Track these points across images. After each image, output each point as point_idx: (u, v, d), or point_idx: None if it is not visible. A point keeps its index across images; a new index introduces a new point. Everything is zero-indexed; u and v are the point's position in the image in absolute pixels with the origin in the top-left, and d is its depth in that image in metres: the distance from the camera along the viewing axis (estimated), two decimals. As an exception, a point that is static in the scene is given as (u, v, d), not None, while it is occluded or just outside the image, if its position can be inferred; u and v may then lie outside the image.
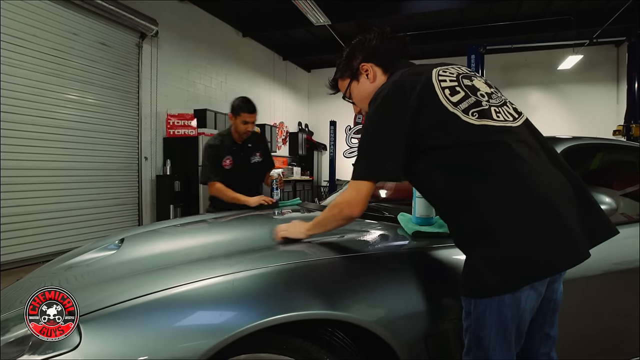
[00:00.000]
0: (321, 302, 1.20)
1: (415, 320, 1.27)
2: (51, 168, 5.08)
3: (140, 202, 6.47)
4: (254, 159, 3.13)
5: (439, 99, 1.22)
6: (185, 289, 1.17)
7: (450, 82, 1.28)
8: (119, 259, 1.61)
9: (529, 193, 1.11)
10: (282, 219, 2.24)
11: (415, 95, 1.23)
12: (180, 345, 1.05)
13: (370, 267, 1.37)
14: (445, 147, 1.20)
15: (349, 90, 1.51)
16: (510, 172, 1.13)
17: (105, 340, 1.04)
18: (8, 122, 4.55)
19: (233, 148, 3.07)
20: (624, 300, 1.73)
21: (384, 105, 1.26)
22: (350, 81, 1.50)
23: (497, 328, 1.13)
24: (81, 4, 5.28)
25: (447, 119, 1.20)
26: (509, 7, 8.12)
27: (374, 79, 1.44)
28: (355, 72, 1.47)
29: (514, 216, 1.10)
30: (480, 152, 1.17)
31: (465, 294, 1.18)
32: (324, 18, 7.10)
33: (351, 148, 12.38)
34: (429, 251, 1.45)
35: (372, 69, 1.44)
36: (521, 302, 1.13)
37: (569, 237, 1.10)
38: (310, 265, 1.32)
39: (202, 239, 1.93)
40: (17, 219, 4.69)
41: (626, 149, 2.25)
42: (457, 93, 1.25)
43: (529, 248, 1.09)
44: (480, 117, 1.21)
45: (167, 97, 6.95)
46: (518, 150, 1.16)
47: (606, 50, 10.19)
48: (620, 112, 9.18)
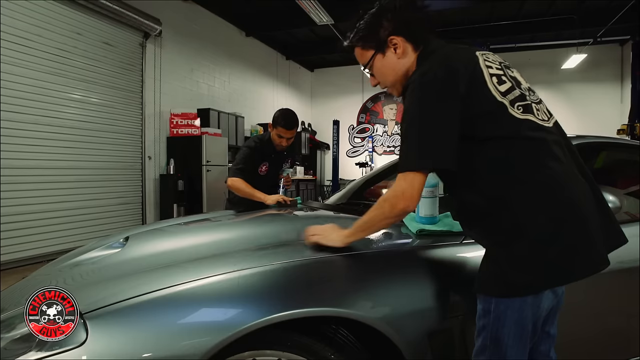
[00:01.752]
0: (325, 300, 1.20)
1: (418, 318, 1.27)
2: (55, 167, 5.10)
3: (144, 202, 6.49)
4: (285, 166, 3.15)
5: (488, 87, 1.16)
6: (190, 287, 1.17)
7: (496, 70, 1.21)
8: (124, 257, 1.62)
9: (562, 196, 1.11)
10: (291, 219, 2.24)
11: (466, 79, 1.15)
12: (185, 342, 1.06)
13: (374, 265, 1.37)
14: (491, 138, 1.14)
15: (372, 63, 1.34)
16: (546, 172, 1.12)
17: (111, 337, 1.05)
18: (12, 121, 4.57)
19: (272, 155, 3.04)
20: (628, 299, 1.72)
21: (435, 89, 1.14)
22: (375, 54, 1.32)
23: (515, 327, 1.13)
24: (85, 3, 5.31)
25: (496, 108, 1.15)
26: (512, 6, 8.09)
27: (402, 55, 1.29)
28: (382, 45, 1.30)
29: (546, 218, 1.09)
30: (522, 147, 1.13)
31: (489, 292, 1.16)
32: (327, 17, 7.09)
33: (354, 147, 12.38)
34: (433, 249, 1.45)
35: (403, 44, 1.28)
36: (542, 302, 1.15)
37: (593, 243, 1.11)
38: (315, 263, 1.32)
39: (207, 237, 1.94)
40: (21, 217, 4.71)
41: (630, 148, 2.24)
42: (504, 83, 1.20)
43: (559, 251, 1.09)
44: (525, 112, 1.17)
45: (171, 97, 6.97)
46: (554, 150, 1.15)
47: (610, 49, 10.15)
48: (625, 112, 9.14)
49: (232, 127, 7.96)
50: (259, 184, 2.93)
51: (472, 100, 1.14)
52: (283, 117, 2.89)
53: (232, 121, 8.01)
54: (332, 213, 2.27)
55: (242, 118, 8.35)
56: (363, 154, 12.23)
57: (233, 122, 8.03)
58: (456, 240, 1.49)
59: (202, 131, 6.82)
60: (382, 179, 2.78)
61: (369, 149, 12.08)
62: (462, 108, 1.13)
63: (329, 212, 2.30)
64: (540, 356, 1.31)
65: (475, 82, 1.16)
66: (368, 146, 12.11)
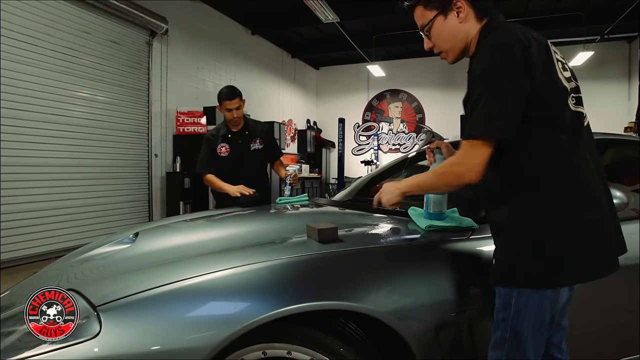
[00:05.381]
0: (334, 294, 1.21)
1: (427, 312, 1.28)
2: (62, 165, 5.15)
3: (151, 199, 6.53)
4: (253, 146, 3.16)
5: (556, 70, 1.16)
6: (200, 280, 1.19)
7: (560, 58, 1.21)
8: (135, 251, 1.64)
9: (589, 193, 1.14)
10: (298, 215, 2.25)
11: (539, 57, 1.12)
12: (195, 335, 1.08)
13: (383, 259, 1.38)
14: (545, 120, 1.13)
15: (432, 24, 1.29)
16: (578, 167, 1.14)
17: (123, 329, 1.07)
18: (20, 119, 4.62)
19: (228, 136, 3.13)
20: (634, 296, 1.72)
21: (512, 59, 1.10)
22: (437, 15, 1.28)
23: (535, 320, 1.15)
24: (93, 3, 5.34)
25: (560, 92, 1.15)
26: (518, 3, 8.06)
27: (464, 20, 1.26)
28: (446, 6, 1.26)
29: (574, 212, 1.12)
30: (568, 138, 1.14)
31: (513, 284, 1.16)
32: (333, 15, 7.09)
33: (359, 145, 12.38)
34: (442, 244, 1.46)
35: (467, 8, 1.25)
36: (560, 296, 1.18)
37: (610, 242, 1.16)
38: (323, 258, 1.33)
39: (216, 232, 1.95)
40: (29, 215, 4.75)
41: (638, 145, 2.23)
42: (566, 71, 1.20)
43: (582, 247, 1.12)
44: (577, 104, 1.19)
45: (177, 95, 6.99)
46: (589, 148, 1.19)
47: (617, 46, 10.08)
48: (632, 109, 9.07)
49: (237, 125, 7.97)
50: (228, 168, 3.05)
51: (541, 79, 1.12)
52: (223, 90, 3.03)
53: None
54: (338, 209, 2.27)
55: (248, 116, 8.34)
56: (368, 152, 12.23)
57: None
58: (464, 235, 1.49)
59: (208, 129, 6.83)
60: (388, 177, 2.79)
61: (374, 147, 12.08)
62: (533, 85, 1.11)
63: (335, 208, 2.31)
64: (553, 347, 1.33)
65: (547, 63, 1.14)
66: (373, 144, 12.10)
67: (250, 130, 3.19)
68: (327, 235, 1.43)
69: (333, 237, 1.44)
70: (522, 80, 1.10)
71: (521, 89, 1.10)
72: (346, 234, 1.56)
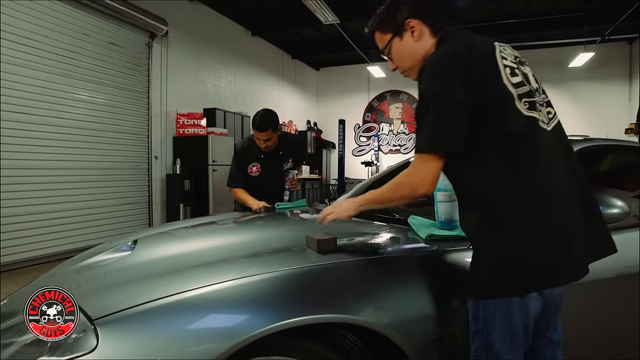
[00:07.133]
0: (333, 306, 1.21)
1: (425, 323, 1.28)
2: (61, 167, 5.14)
3: (151, 201, 6.52)
4: (286, 166, 3.04)
5: (501, 76, 1.17)
6: (200, 292, 1.18)
7: (510, 62, 1.22)
8: (133, 260, 1.63)
9: (543, 198, 1.12)
10: (296, 222, 2.24)
11: (481, 66, 1.16)
12: (195, 348, 1.07)
13: (381, 271, 1.37)
14: (493, 128, 1.15)
15: (389, 47, 1.36)
16: (534, 172, 1.13)
17: (121, 344, 1.06)
18: (20, 122, 4.61)
19: (261, 156, 2.98)
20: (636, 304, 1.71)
21: (452, 71, 1.15)
22: (393, 37, 1.34)
23: (506, 331, 1.14)
24: (92, 4, 5.33)
25: (505, 97, 1.15)
26: (519, 4, 8.04)
27: (419, 38, 1.30)
28: (400, 28, 1.32)
29: (530, 220, 1.11)
30: (520, 144, 1.14)
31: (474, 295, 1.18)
32: (333, 17, 7.09)
33: (360, 146, 12.38)
34: (441, 255, 1.45)
35: (419, 26, 1.30)
36: (529, 306, 1.15)
37: (574, 249, 1.14)
38: (322, 269, 1.33)
39: (215, 241, 1.94)
40: (28, 218, 4.75)
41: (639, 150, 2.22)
42: (516, 75, 1.20)
43: (541, 254, 1.11)
44: (530, 109, 1.18)
45: (177, 97, 6.99)
46: (548, 153, 1.17)
47: (618, 47, 10.06)
48: (633, 110, 9.06)
49: (238, 127, 7.97)
50: (257, 184, 2.93)
51: (487, 88, 1.15)
52: (255, 118, 2.83)
53: (238, 121, 8.02)
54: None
55: (248, 117, 8.35)
56: (369, 153, 12.23)
57: (239, 121, 8.05)
58: (464, 245, 1.48)
59: (208, 131, 6.84)
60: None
61: (374, 148, 12.07)
62: (477, 95, 1.14)
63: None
64: None
65: (488, 71, 1.17)
66: (374, 145, 12.10)
67: (284, 150, 3.04)
68: (326, 246, 1.43)
69: (332, 247, 1.43)
70: (462, 92, 1.13)
71: (463, 100, 1.13)
72: (345, 244, 1.55)
